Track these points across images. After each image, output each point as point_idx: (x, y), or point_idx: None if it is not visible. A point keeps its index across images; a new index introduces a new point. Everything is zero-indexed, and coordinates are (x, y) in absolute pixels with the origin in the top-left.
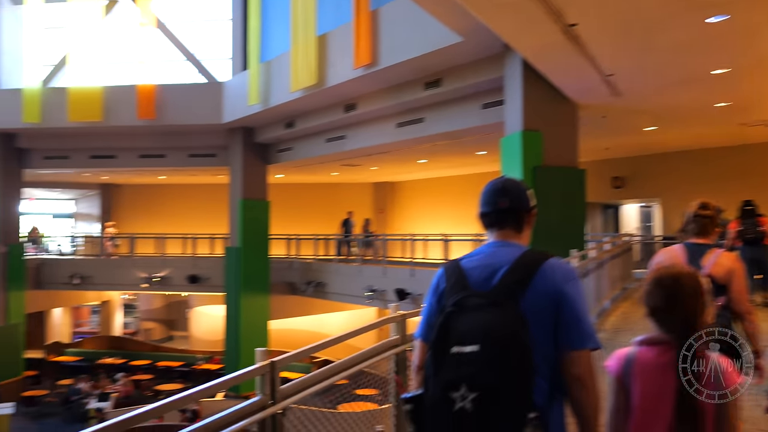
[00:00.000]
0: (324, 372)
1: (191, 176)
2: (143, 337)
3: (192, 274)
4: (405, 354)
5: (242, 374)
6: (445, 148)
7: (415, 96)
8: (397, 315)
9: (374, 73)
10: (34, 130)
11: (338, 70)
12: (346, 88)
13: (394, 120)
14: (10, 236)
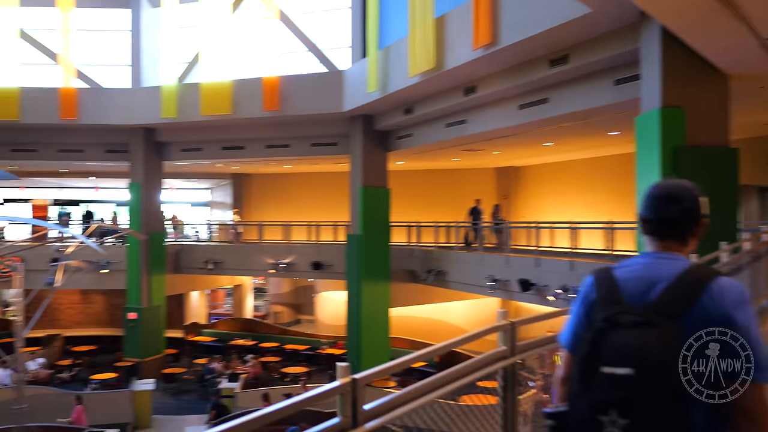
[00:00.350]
0: (415, 390)
1: (314, 165)
2: (272, 320)
3: (315, 261)
4: (514, 368)
5: (320, 393)
6: (573, 129)
7: (539, 75)
8: (506, 323)
9: (495, 53)
10: (172, 125)
11: (457, 53)
12: (466, 71)
13: (517, 101)
14: (152, 224)
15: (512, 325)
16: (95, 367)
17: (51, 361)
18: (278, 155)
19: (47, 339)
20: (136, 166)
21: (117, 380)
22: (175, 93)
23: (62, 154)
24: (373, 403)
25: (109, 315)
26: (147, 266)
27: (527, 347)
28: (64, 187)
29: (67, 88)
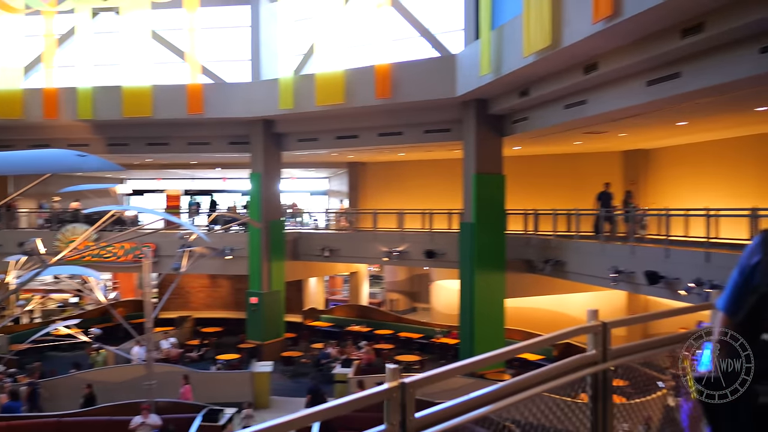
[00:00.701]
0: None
1: (428, 152)
2: (388, 307)
3: (429, 249)
4: (606, 376)
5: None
6: (711, 106)
7: (669, 47)
8: (596, 323)
9: (617, 26)
10: (289, 116)
11: (575, 28)
12: (585, 47)
13: (644, 78)
14: (272, 212)
15: (604, 327)
16: (221, 348)
17: (182, 340)
18: (391, 143)
19: (179, 320)
20: (256, 156)
21: (239, 361)
22: (291, 85)
23: (190, 146)
24: (425, 411)
25: (234, 299)
26: (267, 253)
27: (626, 351)
28: (196, 178)
29: (194, 84)
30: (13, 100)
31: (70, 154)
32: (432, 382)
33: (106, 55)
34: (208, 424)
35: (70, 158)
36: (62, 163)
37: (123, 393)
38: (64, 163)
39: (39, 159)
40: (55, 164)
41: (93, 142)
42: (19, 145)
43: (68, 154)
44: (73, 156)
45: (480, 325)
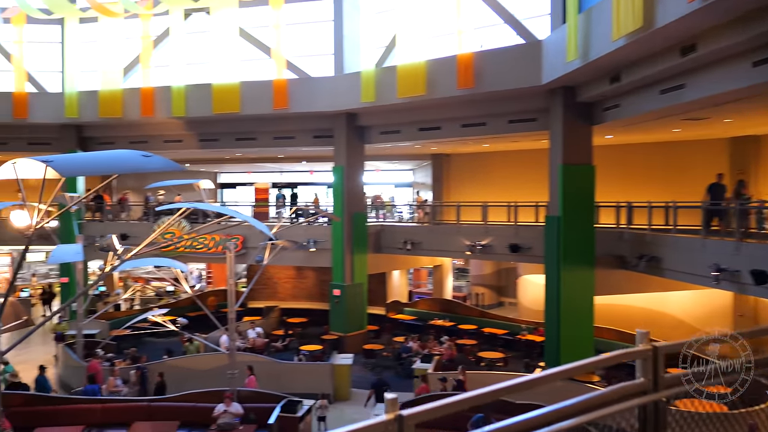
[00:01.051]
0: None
1: (514, 142)
2: (473, 301)
3: (513, 243)
4: (658, 408)
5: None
6: None
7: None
8: (645, 348)
9: (717, 2)
10: (371, 108)
11: (669, 6)
12: (681, 27)
13: (749, 58)
14: (355, 205)
15: (655, 351)
16: (305, 338)
17: (268, 330)
18: (474, 134)
19: (266, 310)
20: (339, 149)
21: (322, 352)
22: (373, 77)
23: (276, 141)
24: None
25: (319, 290)
26: (350, 245)
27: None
28: (284, 171)
29: (279, 80)
30: (113, 99)
31: (135, 155)
32: (432, 415)
33: (197, 54)
34: (286, 414)
35: (136, 159)
36: (129, 163)
37: (208, 380)
38: (130, 164)
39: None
40: (123, 165)
41: (186, 138)
42: (119, 142)
43: (134, 155)
44: (139, 156)
45: (566, 323)
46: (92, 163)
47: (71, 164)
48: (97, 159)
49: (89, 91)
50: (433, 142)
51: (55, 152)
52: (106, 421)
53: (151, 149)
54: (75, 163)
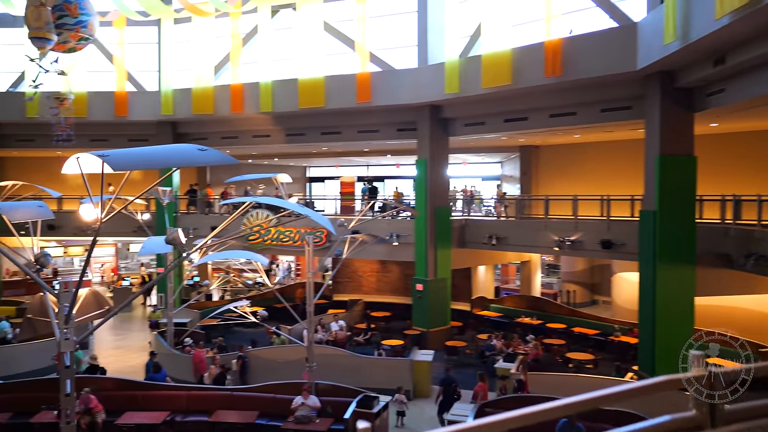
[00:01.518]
0: None
1: (607, 132)
2: (564, 299)
3: (605, 239)
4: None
5: None
6: None
7: None
8: (700, 372)
9: None
10: (455, 100)
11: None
12: None
13: None
14: (438, 199)
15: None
16: (388, 333)
17: (351, 323)
18: (563, 124)
19: (350, 303)
20: (422, 142)
21: (403, 347)
22: (456, 68)
23: (360, 134)
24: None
25: (403, 284)
26: (433, 240)
27: (749, 413)
28: (371, 165)
29: (362, 73)
30: (205, 97)
31: (192, 149)
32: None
33: (284, 50)
34: (362, 410)
35: (191, 152)
36: (184, 157)
37: (289, 372)
38: (187, 158)
39: (162, 154)
40: (178, 159)
41: (273, 132)
42: (211, 138)
43: (190, 149)
44: (195, 150)
45: (662, 325)
46: (146, 158)
47: (124, 159)
48: (151, 153)
49: (183, 89)
50: (520, 133)
51: None
52: (191, 409)
53: (240, 144)
54: (128, 157)
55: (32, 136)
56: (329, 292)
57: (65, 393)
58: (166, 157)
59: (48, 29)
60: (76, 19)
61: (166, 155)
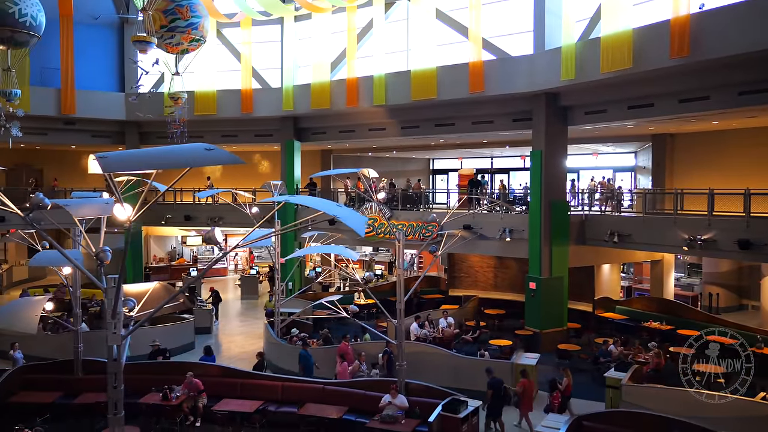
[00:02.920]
0: None
1: (751, 119)
2: (705, 302)
3: (743, 239)
4: None
5: None
6: None
7: None
8: None
9: None
10: (573, 87)
11: None
12: None
13: None
14: (554, 192)
15: None
16: (500, 331)
17: (462, 320)
18: (695, 110)
19: (464, 299)
20: (537, 132)
21: (511, 348)
22: (573, 52)
23: (474, 126)
24: None
25: (520, 281)
26: (548, 236)
27: None
28: (495, 157)
29: (474, 62)
30: (322, 91)
31: (198, 148)
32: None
33: (398, 42)
34: (447, 414)
35: (200, 152)
36: (193, 157)
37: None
38: (195, 157)
39: (173, 154)
40: (187, 158)
41: (388, 125)
42: (329, 132)
43: (197, 148)
44: (201, 150)
45: None
46: (146, 158)
47: (121, 160)
48: (152, 154)
49: (302, 85)
50: (646, 121)
51: (276, 143)
52: (284, 399)
53: (357, 138)
54: (127, 158)
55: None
56: (445, 286)
57: (112, 385)
58: (169, 158)
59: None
60: (187, 21)
61: (168, 156)
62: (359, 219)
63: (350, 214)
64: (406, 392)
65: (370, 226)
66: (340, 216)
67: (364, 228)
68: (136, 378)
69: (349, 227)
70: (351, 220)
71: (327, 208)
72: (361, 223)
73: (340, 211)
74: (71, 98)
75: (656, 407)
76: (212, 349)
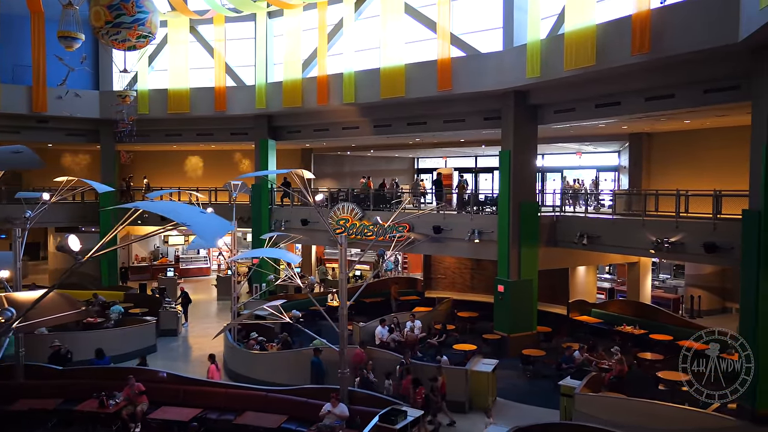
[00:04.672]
0: None
1: (720, 118)
2: (687, 305)
3: (709, 241)
4: None
5: None
6: None
7: None
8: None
9: None
10: (541, 85)
11: None
12: None
13: None
14: (523, 193)
15: None
16: (470, 335)
17: (430, 323)
18: (661, 108)
19: (438, 301)
20: (506, 131)
21: (475, 353)
22: (538, 49)
23: (447, 124)
24: None
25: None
26: (517, 238)
27: None
28: (480, 156)
29: (443, 59)
30: (294, 89)
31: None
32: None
33: (369, 40)
34: (384, 425)
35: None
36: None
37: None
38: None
39: None
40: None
41: (361, 124)
42: (304, 131)
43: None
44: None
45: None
46: None
47: None
48: None
49: (274, 83)
50: (615, 120)
51: (252, 142)
52: (227, 407)
53: (331, 137)
54: None
55: (147, 132)
56: (421, 288)
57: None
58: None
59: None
60: (133, 17)
61: None
62: (213, 228)
63: (204, 222)
64: (350, 401)
65: (342, 226)
66: (188, 223)
67: (215, 239)
68: (76, 383)
69: (320, 228)
70: (202, 228)
71: (176, 215)
72: (215, 233)
73: (192, 218)
74: (43, 96)
75: (611, 418)
76: (104, 352)
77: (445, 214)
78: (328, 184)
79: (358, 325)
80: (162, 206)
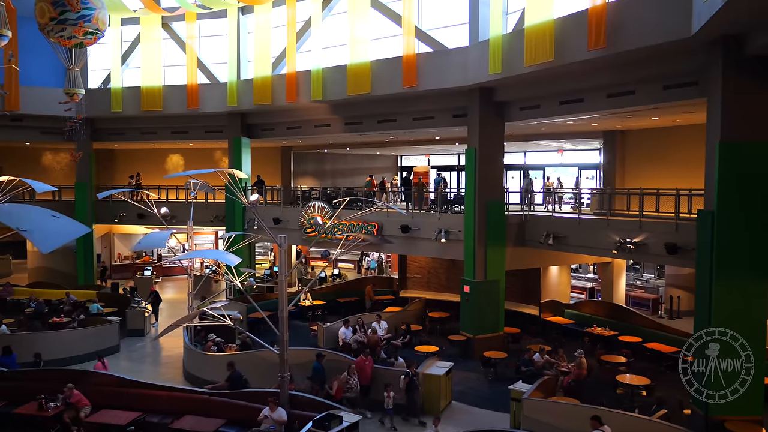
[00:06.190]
0: None
1: (687, 115)
2: (666, 305)
3: (670, 242)
4: None
5: None
6: None
7: None
8: None
9: None
10: (505, 81)
11: None
12: None
13: None
14: (490, 192)
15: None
16: (438, 336)
17: (398, 323)
18: (623, 105)
19: (409, 301)
20: (472, 129)
21: (436, 354)
22: (499, 45)
23: (416, 122)
24: None
25: None
26: (483, 238)
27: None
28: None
29: (408, 55)
30: (264, 86)
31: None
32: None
33: (338, 36)
34: (317, 430)
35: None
36: None
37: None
38: None
39: None
40: None
41: (333, 122)
42: (277, 129)
43: None
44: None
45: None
46: None
47: None
48: None
49: (245, 80)
50: (581, 117)
51: (225, 139)
52: (168, 410)
53: (304, 134)
54: None
55: (122, 130)
56: (396, 288)
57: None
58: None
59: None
60: (77, 13)
61: None
62: (55, 235)
63: (48, 228)
64: (291, 405)
65: (313, 225)
66: (24, 228)
67: (54, 246)
68: (18, 385)
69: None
70: (41, 235)
71: (12, 220)
72: (56, 240)
73: (34, 224)
74: (15, 94)
75: (561, 424)
76: (11, 349)
77: (413, 214)
78: (309, 182)
79: (323, 326)
80: (6, 210)
